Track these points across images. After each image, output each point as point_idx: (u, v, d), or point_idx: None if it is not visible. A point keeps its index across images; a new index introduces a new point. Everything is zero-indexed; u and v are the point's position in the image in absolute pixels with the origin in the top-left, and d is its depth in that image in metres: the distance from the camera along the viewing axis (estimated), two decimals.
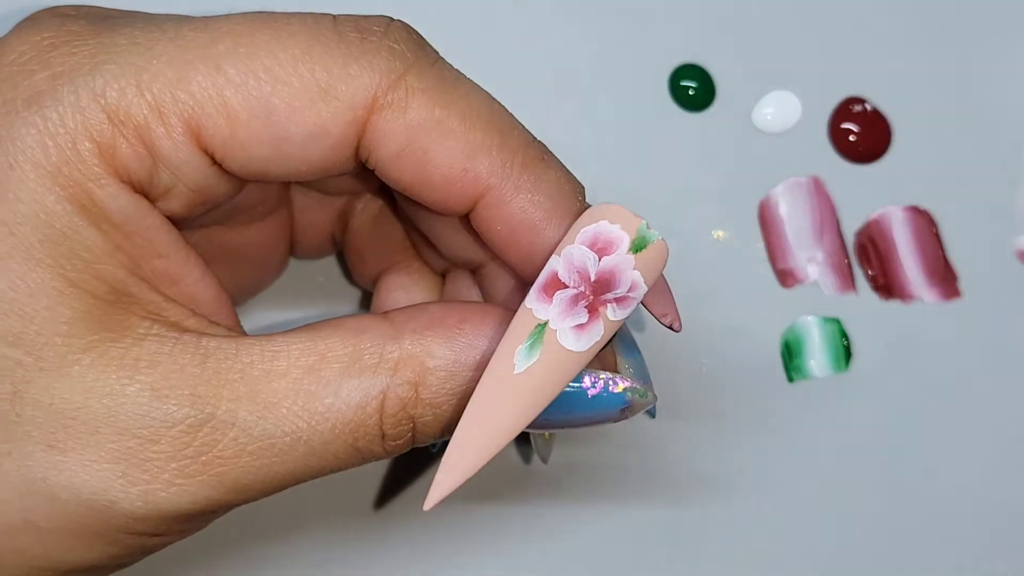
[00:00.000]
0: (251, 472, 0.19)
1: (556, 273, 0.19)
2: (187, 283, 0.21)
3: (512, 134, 0.20)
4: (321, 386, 0.19)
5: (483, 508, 0.30)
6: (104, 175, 0.19)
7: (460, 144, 0.20)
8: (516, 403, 0.19)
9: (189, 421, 0.19)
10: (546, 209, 0.20)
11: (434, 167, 0.20)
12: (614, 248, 0.19)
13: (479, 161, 0.20)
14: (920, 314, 0.32)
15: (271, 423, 0.19)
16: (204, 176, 0.20)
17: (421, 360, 0.20)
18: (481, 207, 0.20)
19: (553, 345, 0.19)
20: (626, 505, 0.31)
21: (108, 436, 0.19)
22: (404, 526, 0.30)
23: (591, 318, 0.19)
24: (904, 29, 0.33)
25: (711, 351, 0.31)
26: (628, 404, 0.21)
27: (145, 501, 0.19)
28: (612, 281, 0.19)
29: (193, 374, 0.19)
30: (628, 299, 0.20)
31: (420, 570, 0.30)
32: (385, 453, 0.20)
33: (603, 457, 0.31)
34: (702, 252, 0.32)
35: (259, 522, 0.30)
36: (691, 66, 0.32)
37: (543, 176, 0.20)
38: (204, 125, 0.19)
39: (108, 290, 0.19)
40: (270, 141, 0.19)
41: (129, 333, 0.19)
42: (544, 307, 0.19)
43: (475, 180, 0.20)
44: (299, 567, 0.30)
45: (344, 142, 0.20)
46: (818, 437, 0.31)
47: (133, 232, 0.20)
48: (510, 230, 0.20)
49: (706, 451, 0.31)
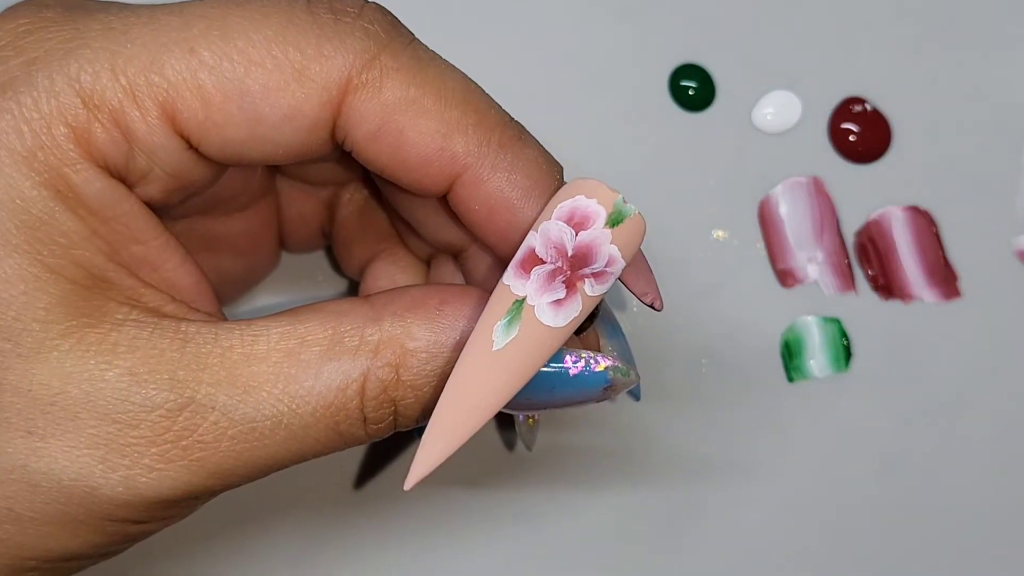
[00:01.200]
0: (232, 457, 0.19)
1: (533, 249, 0.19)
2: (166, 269, 0.21)
3: (489, 113, 0.20)
4: (301, 369, 0.19)
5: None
6: (80, 160, 0.19)
7: (436, 123, 0.20)
8: (495, 380, 0.19)
9: (168, 405, 0.19)
10: (524, 188, 0.20)
11: (410, 147, 0.20)
12: (591, 223, 0.19)
13: (455, 140, 0.20)
14: (920, 314, 0.32)
15: (251, 407, 0.19)
16: (180, 160, 0.20)
17: (401, 342, 0.20)
18: (458, 187, 0.20)
19: (531, 321, 0.19)
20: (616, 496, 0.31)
21: (87, 422, 0.18)
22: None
23: (569, 293, 0.19)
24: (904, 29, 0.33)
25: (711, 351, 0.31)
26: (610, 383, 0.20)
27: (126, 487, 0.19)
28: (589, 256, 0.19)
29: (172, 359, 0.19)
30: (606, 274, 0.19)
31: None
32: (367, 437, 0.20)
33: (592, 445, 0.31)
34: (702, 252, 0.32)
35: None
36: (691, 66, 0.32)
37: (520, 155, 0.20)
38: (179, 108, 0.19)
39: (86, 276, 0.19)
40: (245, 123, 0.19)
41: (107, 318, 0.19)
42: (521, 283, 0.19)
43: (451, 159, 0.20)
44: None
45: (319, 123, 0.20)
46: (818, 437, 0.31)
47: (110, 217, 0.19)
48: (488, 210, 0.20)
49: (706, 451, 0.31)
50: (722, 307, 0.32)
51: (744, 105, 0.32)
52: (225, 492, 0.20)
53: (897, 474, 0.31)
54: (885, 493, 0.31)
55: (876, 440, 0.31)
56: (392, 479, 0.30)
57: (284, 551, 0.30)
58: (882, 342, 0.32)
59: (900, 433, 0.31)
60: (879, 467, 0.31)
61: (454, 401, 0.19)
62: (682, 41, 0.33)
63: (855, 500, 0.31)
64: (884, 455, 0.31)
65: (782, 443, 0.31)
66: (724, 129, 0.32)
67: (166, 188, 0.20)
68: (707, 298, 0.32)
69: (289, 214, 0.27)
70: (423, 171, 0.20)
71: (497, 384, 0.19)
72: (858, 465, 0.31)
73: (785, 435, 0.31)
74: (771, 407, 0.31)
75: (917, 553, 0.31)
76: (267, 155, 0.20)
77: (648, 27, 0.33)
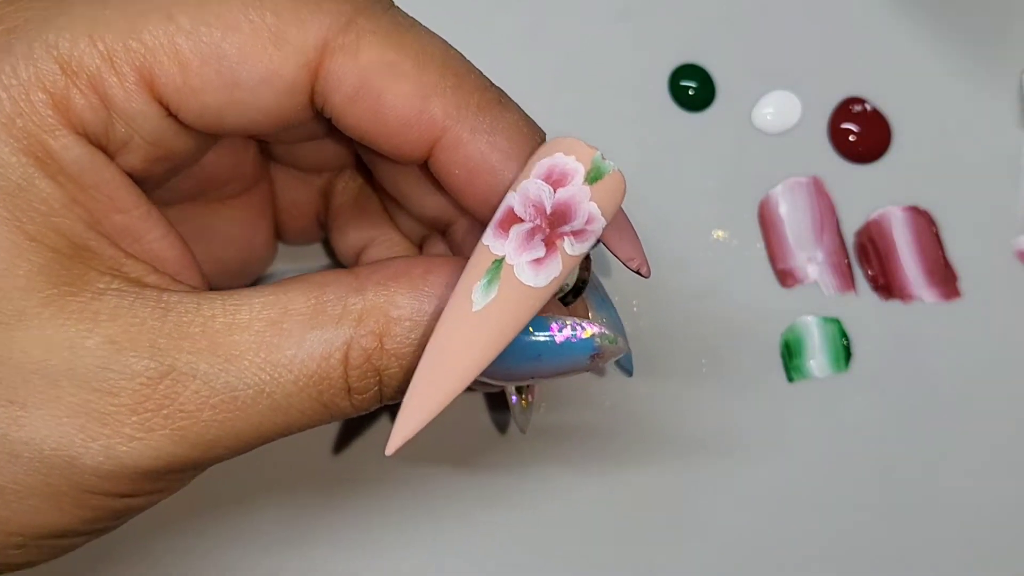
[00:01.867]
0: (215, 427, 0.19)
1: (512, 208, 0.19)
2: (149, 240, 0.21)
3: (468, 77, 0.20)
4: (284, 338, 0.19)
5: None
6: (58, 126, 0.19)
7: (414, 86, 0.19)
8: (476, 341, 0.19)
9: (149, 373, 0.18)
10: (504, 151, 0.20)
11: (388, 110, 0.20)
12: (569, 180, 0.19)
13: (433, 103, 0.20)
14: (920, 314, 0.32)
15: (233, 375, 0.19)
16: (160, 128, 0.20)
17: (385, 311, 0.19)
18: (438, 151, 0.20)
19: (511, 281, 0.19)
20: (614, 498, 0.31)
21: (68, 390, 0.18)
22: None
23: (548, 252, 0.19)
24: (904, 29, 0.33)
25: (711, 351, 0.31)
26: (597, 351, 0.20)
27: (107, 456, 0.18)
28: (568, 213, 0.19)
29: (153, 327, 0.19)
30: (586, 232, 0.19)
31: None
32: (352, 408, 0.20)
33: (591, 446, 0.31)
34: (702, 252, 0.32)
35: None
36: (691, 66, 0.32)
37: (500, 118, 0.20)
38: (156, 73, 0.19)
39: (66, 244, 0.19)
40: (223, 87, 0.19)
41: (88, 287, 0.19)
42: (500, 243, 0.19)
43: (430, 122, 0.20)
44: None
45: (297, 87, 0.20)
46: (818, 437, 0.31)
47: (90, 185, 0.19)
48: (468, 173, 0.20)
49: (705, 450, 0.31)
50: (722, 307, 0.32)
51: (744, 105, 0.32)
52: (210, 467, 0.20)
53: (897, 474, 0.31)
54: (885, 493, 0.31)
55: (876, 440, 0.31)
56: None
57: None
58: (882, 342, 0.32)
59: (900, 433, 0.31)
60: (879, 467, 0.31)
61: (434, 364, 0.19)
62: (682, 41, 0.33)
63: (855, 500, 0.31)
64: (884, 455, 0.31)
65: (782, 443, 0.31)
66: (724, 129, 0.32)
67: (147, 157, 0.20)
68: (707, 298, 0.32)
69: (284, 202, 0.27)
70: (403, 135, 0.20)
71: (477, 346, 0.19)
72: (858, 465, 0.31)
73: (785, 435, 0.31)
74: (771, 407, 0.31)
75: (917, 553, 0.31)
76: (247, 122, 0.20)
77: (648, 27, 0.33)
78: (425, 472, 0.30)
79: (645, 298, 0.31)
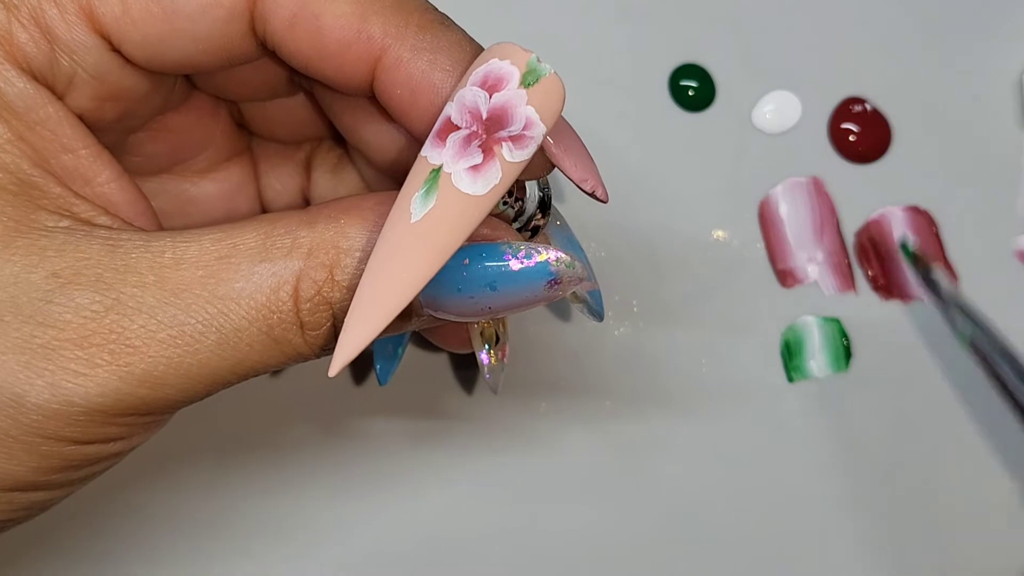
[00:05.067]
0: (162, 363, 0.18)
1: (449, 118, 0.19)
2: (99, 183, 0.20)
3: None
4: (232, 271, 0.19)
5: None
6: (1, 61, 0.19)
7: (351, 6, 0.19)
8: (415, 253, 0.18)
9: (94, 307, 0.18)
10: (446, 70, 0.19)
11: (328, 32, 0.19)
12: (504, 84, 0.19)
13: (372, 21, 0.19)
14: (920, 314, 0.32)
15: (180, 309, 0.18)
16: (103, 61, 0.20)
17: (335, 242, 0.19)
18: (380, 71, 0.20)
19: (448, 188, 0.18)
20: (613, 497, 0.31)
21: (12, 325, 0.18)
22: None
23: (486, 158, 0.18)
24: (904, 29, 0.33)
25: (711, 351, 0.31)
26: (555, 276, 0.19)
27: (52, 393, 0.18)
28: (504, 117, 0.18)
29: (100, 262, 0.18)
30: (524, 138, 0.19)
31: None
32: (306, 346, 0.20)
33: (591, 440, 0.31)
34: (702, 252, 0.32)
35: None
36: (691, 66, 0.32)
37: (442, 37, 0.20)
38: (95, 4, 0.19)
39: (13, 181, 0.19)
40: (163, 16, 0.19)
41: (36, 225, 0.19)
42: (438, 152, 0.18)
43: (369, 41, 0.19)
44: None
45: (235, 12, 0.19)
46: (818, 437, 0.31)
47: (36, 122, 0.19)
48: (410, 92, 0.20)
49: (705, 450, 0.31)
50: (722, 307, 0.32)
51: (744, 105, 0.32)
52: (166, 417, 0.20)
53: (897, 474, 0.31)
54: (885, 492, 0.31)
55: (876, 440, 0.31)
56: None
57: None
58: (882, 342, 0.32)
59: (900, 433, 0.31)
60: (879, 467, 0.31)
61: (374, 280, 0.18)
62: (682, 41, 0.33)
63: (855, 499, 0.31)
64: (884, 455, 0.31)
65: (782, 443, 0.31)
66: (724, 129, 0.32)
67: (94, 95, 0.20)
68: (707, 298, 0.32)
69: (267, 175, 0.26)
70: (342, 57, 0.20)
71: (417, 257, 0.18)
72: (858, 465, 0.31)
73: (785, 435, 0.31)
74: (771, 407, 0.31)
75: (917, 552, 0.31)
76: (190, 54, 0.20)
77: (648, 27, 0.33)
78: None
79: (645, 298, 0.31)
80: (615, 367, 0.31)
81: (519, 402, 0.31)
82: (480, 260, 0.19)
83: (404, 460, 0.31)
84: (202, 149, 0.25)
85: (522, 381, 0.31)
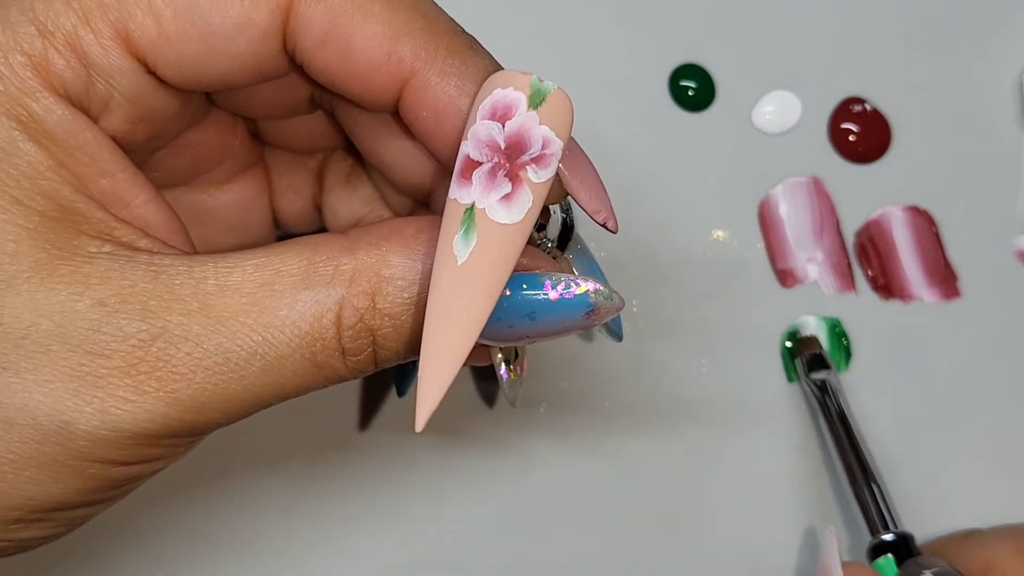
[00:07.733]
0: (208, 388, 0.19)
1: (468, 156, 0.19)
2: (136, 205, 0.21)
3: (438, 20, 0.20)
4: (276, 299, 0.19)
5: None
6: (39, 88, 0.19)
7: (383, 27, 0.19)
8: (470, 294, 0.18)
9: (141, 336, 0.18)
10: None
11: (358, 52, 0.20)
12: (514, 110, 0.19)
13: (402, 44, 0.20)
14: (920, 314, 0.32)
15: (225, 337, 0.19)
16: (139, 84, 0.20)
17: (377, 270, 0.19)
18: (407, 93, 0.20)
19: (486, 224, 0.18)
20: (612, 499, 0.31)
21: (60, 354, 0.18)
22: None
23: (515, 186, 0.19)
24: (904, 29, 0.33)
25: (711, 351, 0.31)
26: (592, 307, 0.20)
27: (102, 420, 0.18)
28: (522, 143, 0.19)
29: (144, 289, 0.19)
30: (545, 157, 0.19)
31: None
32: (347, 370, 0.20)
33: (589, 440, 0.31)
34: (702, 252, 0.32)
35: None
36: (691, 66, 0.32)
37: (470, 62, 0.20)
38: (131, 28, 0.19)
39: (55, 208, 0.19)
40: (198, 36, 0.19)
41: (79, 251, 0.19)
42: (466, 191, 0.19)
43: (399, 63, 0.20)
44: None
45: (270, 32, 0.20)
46: (818, 437, 0.31)
47: (75, 148, 0.19)
48: (436, 115, 0.20)
49: (705, 451, 0.31)
50: (722, 307, 0.32)
51: (744, 105, 0.32)
52: (206, 437, 0.20)
53: (897, 473, 0.31)
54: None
55: (876, 440, 0.31)
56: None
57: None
58: (882, 342, 0.32)
59: (900, 433, 0.31)
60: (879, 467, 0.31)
61: (437, 327, 0.18)
62: (682, 41, 0.33)
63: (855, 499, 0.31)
64: (884, 455, 0.31)
65: (782, 443, 0.31)
66: (724, 129, 0.32)
67: (129, 118, 0.20)
68: (707, 298, 0.32)
69: (280, 185, 0.27)
70: (371, 77, 0.20)
71: (473, 297, 0.18)
72: None
73: (784, 435, 0.31)
74: (771, 407, 0.31)
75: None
76: (224, 73, 0.20)
77: (648, 27, 0.33)
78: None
79: (645, 298, 0.31)
80: (615, 367, 0.31)
81: (519, 403, 0.31)
82: (520, 290, 0.19)
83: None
84: (220, 162, 0.25)
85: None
